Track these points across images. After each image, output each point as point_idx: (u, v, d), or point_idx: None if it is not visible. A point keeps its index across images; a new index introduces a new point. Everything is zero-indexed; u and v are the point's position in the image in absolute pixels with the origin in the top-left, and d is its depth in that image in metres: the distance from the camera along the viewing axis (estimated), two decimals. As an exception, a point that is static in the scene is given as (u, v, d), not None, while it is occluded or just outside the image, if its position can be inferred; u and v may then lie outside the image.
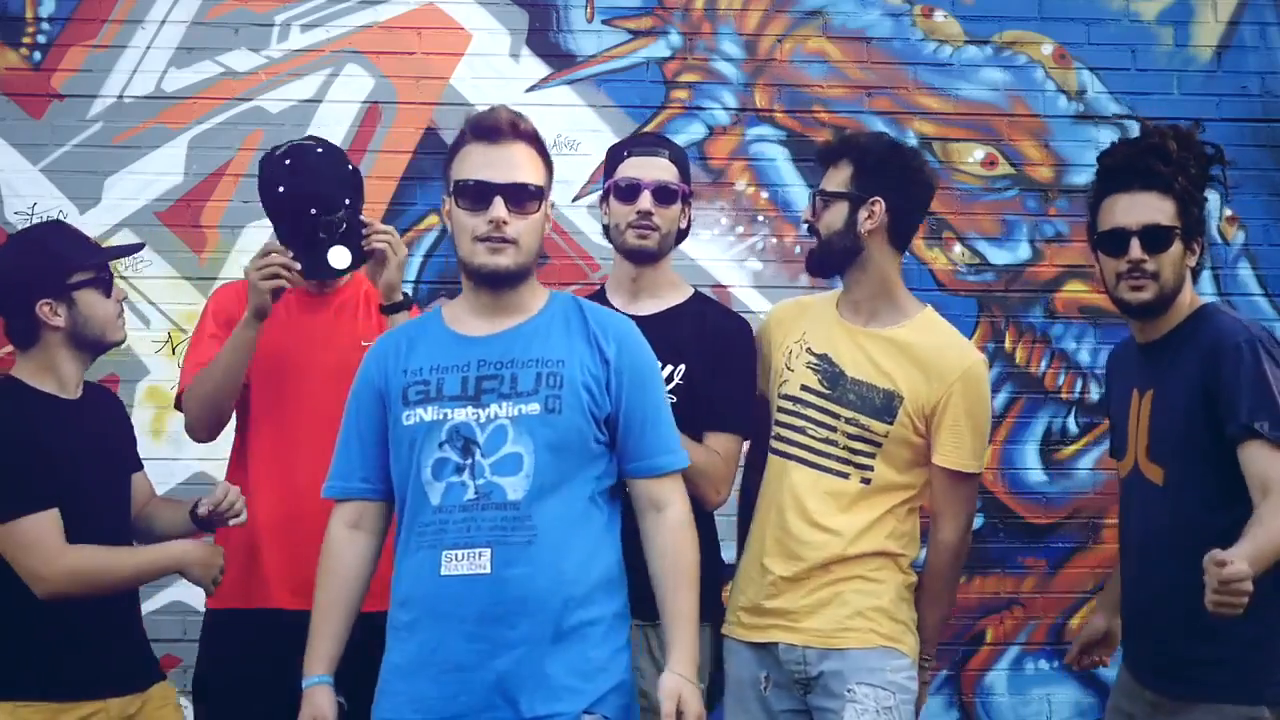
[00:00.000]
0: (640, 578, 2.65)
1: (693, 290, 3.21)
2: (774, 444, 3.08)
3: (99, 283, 2.84)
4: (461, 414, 2.51)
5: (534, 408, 2.50)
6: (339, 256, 3.00)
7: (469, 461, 2.51)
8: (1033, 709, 4.57)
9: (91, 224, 4.43)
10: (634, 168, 3.10)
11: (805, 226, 3.19)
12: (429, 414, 2.53)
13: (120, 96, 4.51)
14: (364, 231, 3.04)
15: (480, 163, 2.54)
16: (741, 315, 3.22)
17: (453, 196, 2.57)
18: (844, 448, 2.97)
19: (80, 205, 4.42)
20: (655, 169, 3.09)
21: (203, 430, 3.14)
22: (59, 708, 2.71)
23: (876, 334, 3.02)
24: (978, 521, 4.55)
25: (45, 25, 4.51)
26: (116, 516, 2.93)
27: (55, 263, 2.82)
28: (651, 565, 2.62)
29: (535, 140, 2.60)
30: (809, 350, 3.06)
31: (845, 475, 2.97)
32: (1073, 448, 4.62)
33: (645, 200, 3.05)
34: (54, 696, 2.71)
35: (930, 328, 3.05)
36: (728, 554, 3.21)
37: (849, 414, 2.96)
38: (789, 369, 3.07)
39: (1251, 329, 2.77)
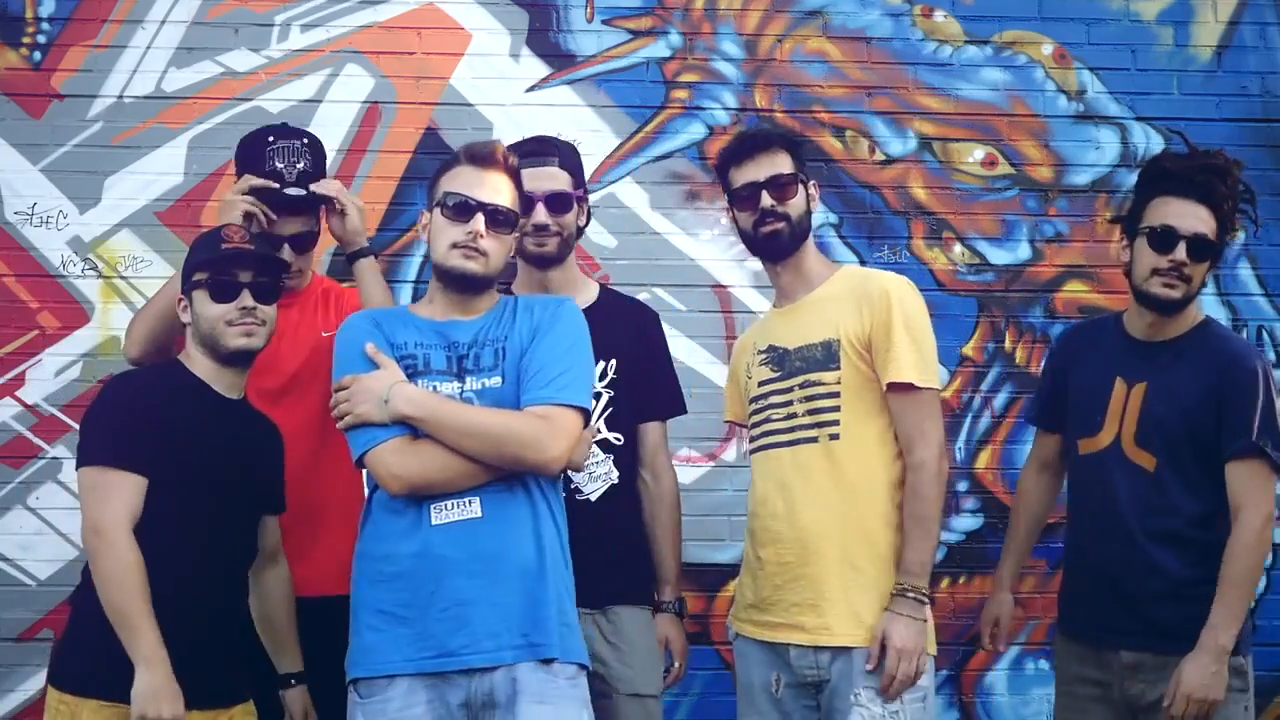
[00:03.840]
0: (582, 565, 2.81)
1: (599, 287, 3.35)
2: (750, 447, 3.19)
3: (209, 285, 2.94)
4: (447, 388, 2.77)
5: (495, 380, 2.78)
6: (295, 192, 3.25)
7: None
8: (1033, 709, 4.57)
9: (92, 224, 4.45)
10: (527, 179, 3.12)
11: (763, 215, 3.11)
12: (420, 386, 2.77)
13: (120, 96, 4.51)
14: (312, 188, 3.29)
15: (469, 182, 2.86)
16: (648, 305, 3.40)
17: (438, 207, 2.86)
18: (805, 414, 3.04)
19: (80, 205, 4.41)
20: (544, 179, 3.20)
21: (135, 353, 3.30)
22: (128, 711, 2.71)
23: (806, 301, 3.12)
24: (978, 522, 4.56)
25: (45, 25, 4.50)
26: (223, 529, 2.91)
27: (186, 262, 3.02)
28: None
29: (515, 175, 2.93)
30: (758, 351, 3.17)
31: (815, 440, 3.02)
32: (1073, 448, 4.62)
33: (540, 214, 3.17)
34: (129, 700, 2.70)
35: (849, 274, 3.18)
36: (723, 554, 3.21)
37: (799, 380, 3.05)
38: (748, 377, 3.19)
39: (1262, 355, 3.12)
